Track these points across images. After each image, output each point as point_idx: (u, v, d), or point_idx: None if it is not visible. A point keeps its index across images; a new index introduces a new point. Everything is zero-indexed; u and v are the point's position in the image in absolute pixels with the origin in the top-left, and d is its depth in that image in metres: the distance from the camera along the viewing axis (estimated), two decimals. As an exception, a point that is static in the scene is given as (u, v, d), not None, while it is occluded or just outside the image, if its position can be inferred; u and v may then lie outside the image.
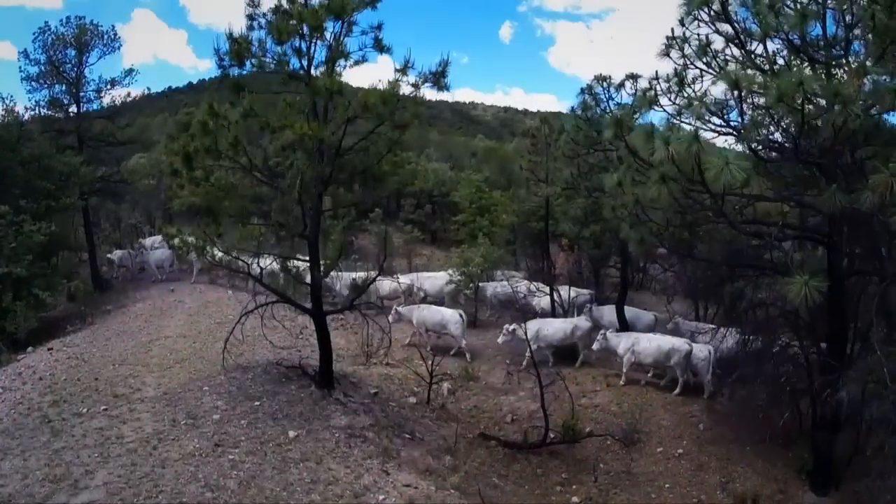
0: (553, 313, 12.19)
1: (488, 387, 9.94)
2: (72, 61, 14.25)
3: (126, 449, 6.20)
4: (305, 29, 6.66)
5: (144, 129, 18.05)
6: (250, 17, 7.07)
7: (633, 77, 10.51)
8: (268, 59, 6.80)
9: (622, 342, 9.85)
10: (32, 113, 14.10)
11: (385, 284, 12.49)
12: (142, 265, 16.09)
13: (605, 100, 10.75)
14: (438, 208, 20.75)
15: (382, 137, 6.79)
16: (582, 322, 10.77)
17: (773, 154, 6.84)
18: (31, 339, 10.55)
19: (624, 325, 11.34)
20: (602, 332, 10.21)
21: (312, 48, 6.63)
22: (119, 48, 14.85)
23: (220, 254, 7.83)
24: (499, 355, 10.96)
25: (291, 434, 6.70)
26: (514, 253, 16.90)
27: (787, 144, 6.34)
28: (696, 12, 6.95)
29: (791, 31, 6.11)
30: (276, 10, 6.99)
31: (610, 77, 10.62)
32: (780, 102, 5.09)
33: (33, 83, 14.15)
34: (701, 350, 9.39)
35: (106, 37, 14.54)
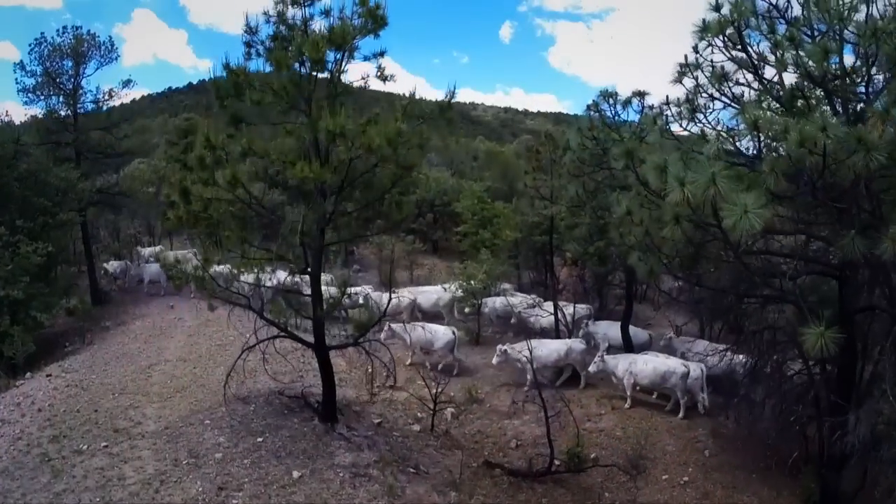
0: (557, 331, 12.07)
1: (492, 410, 9.85)
2: (69, 72, 14.00)
3: (128, 492, 6.11)
4: (306, 59, 6.42)
5: (144, 131, 17.79)
6: (248, 45, 6.85)
7: (641, 94, 10.33)
8: (266, 89, 6.57)
9: (620, 364, 9.69)
10: (31, 115, 13.92)
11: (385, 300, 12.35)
12: (140, 277, 15.94)
13: (611, 116, 10.54)
14: (440, 217, 20.48)
15: (386, 173, 6.61)
16: (576, 344, 10.63)
17: (789, 184, 6.68)
18: (30, 360, 10.42)
19: (628, 345, 11.22)
20: (599, 354, 10.04)
21: (312, 83, 6.41)
22: (117, 59, 14.63)
23: (219, 269, 7.65)
24: (501, 375, 10.85)
25: (295, 474, 6.60)
26: (517, 266, 16.71)
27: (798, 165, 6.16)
28: (711, 39, 6.74)
29: (810, 63, 5.91)
30: (275, 37, 6.77)
31: (616, 94, 10.39)
32: (802, 147, 4.91)
33: (30, 94, 13.93)
34: (694, 370, 9.28)
35: (103, 47, 14.29)
